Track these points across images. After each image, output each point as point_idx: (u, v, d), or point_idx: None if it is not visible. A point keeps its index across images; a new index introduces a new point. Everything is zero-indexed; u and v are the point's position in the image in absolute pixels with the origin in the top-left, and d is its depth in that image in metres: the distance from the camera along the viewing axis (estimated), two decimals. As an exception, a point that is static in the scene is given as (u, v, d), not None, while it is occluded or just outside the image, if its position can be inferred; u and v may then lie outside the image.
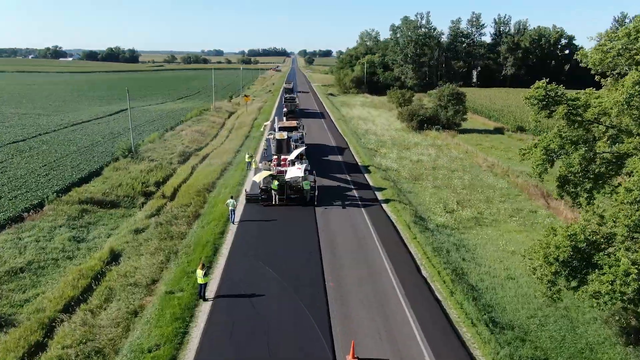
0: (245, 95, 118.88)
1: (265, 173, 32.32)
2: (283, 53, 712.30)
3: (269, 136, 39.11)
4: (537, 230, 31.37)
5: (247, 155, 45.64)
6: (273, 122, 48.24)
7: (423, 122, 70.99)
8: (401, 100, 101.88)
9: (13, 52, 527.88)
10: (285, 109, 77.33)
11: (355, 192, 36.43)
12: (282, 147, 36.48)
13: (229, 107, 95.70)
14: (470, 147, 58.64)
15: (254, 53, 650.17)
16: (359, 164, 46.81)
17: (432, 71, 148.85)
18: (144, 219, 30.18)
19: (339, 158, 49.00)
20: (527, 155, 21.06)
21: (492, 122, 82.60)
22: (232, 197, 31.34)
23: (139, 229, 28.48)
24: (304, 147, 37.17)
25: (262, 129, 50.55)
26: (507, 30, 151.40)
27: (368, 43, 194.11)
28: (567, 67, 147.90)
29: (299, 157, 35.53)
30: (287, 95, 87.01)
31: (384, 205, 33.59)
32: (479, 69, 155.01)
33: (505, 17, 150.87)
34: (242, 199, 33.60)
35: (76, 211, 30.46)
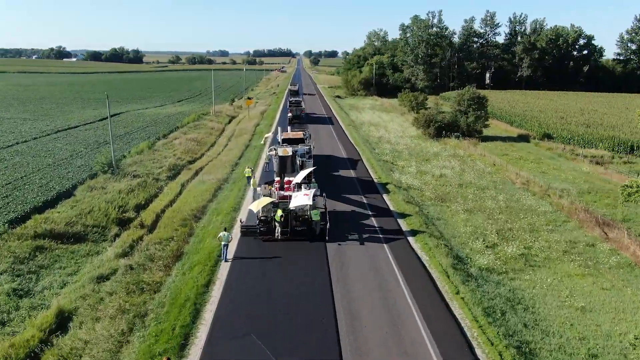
0: (248, 98, 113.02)
1: (265, 200, 26.12)
2: (288, 53, 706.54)
3: (270, 152, 33.07)
4: (604, 274, 25.01)
5: (247, 169, 39.67)
6: (275, 133, 41.94)
7: (441, 129, 64.70)
8: (414, 104, 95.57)
9: (18, 53, 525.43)
10: (290, 114, 71.29)
11: (374, 220, 30.14)
12: (286, 165, 30.21)
13: (230, 111, 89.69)
14: (498, 159, 52.25)
15: (259, 54, 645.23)
16: (375, 180, 40.54)
17: (443, 72, 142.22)
18: (113, 259, 24.06)
19: (352, 173, 42.72)
20: (637, 195, 14.70)
21: (514, 128, 75.97)
22: (225, 230, 25.31)
23: (103, 275, 22.36)
24: (313, 168, 30.63)
25: (262, 142, 44.41)
26: (522, 30, 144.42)
27: (376, 43, 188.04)
28: (585, 68, 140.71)
29: (307, 179, 29.24)
30: (292, 99, 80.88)
31: (411, 240, 27.30)
32: (493, 70, 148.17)
33: (521, 16, 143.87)
34: (237, 230, 27.44)
35: (28, 249, 24.35)
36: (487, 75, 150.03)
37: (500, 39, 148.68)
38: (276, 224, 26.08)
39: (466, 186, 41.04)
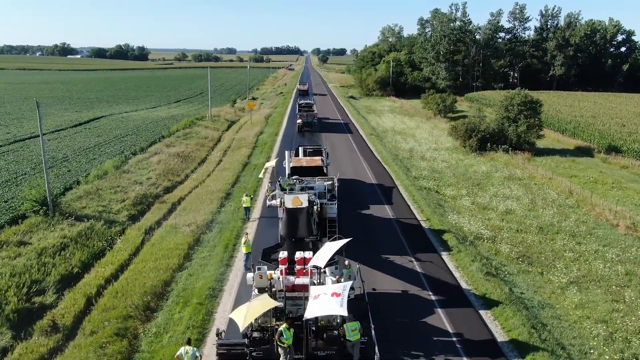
0: (253, 99, 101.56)
1: (260, 307, 14.16)
2: (296, 51, 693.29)
3: (271, 200, 21.27)
4: None
5: (244, 198, 28.29)
6: (281, 159, 29.74)
7: (485, 141, 52.54)
8: (441, 107, 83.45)
9: (23, 50, 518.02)
10: (299, 120, 59.30)
11: (444, 318, 18.04)
12: (298, 224, 18.09)
13: (231, 115, 77.84)
14: (570, 183, 40.02)
15: (266, 51, 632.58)
16: (424, 225, 28.40)
17: (466, 71, 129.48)
18: None
19: (388, 211, 30.61)
20: None
21: (568, 138, 63.46)
22: (188, 342, 13.77)
23: None
24: (348, 240, 16.73)
25: (262, 175, 32.49)
26: (555, 25, 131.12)
27: (391, 39, 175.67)
28: (625, 67, 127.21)
29: (335, 256, 16.80)
30: (302, 101, 68.66)
31: (522, 371, 15.28)
32: (520, 68, 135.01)
33: (554, 9, 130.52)
34: (210, 346, 15.59)
35: None
36: (512, 74, 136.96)
37: (530, 35, 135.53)
38: (282, 348, 14.17)
39: (549, 231, 28.97)
